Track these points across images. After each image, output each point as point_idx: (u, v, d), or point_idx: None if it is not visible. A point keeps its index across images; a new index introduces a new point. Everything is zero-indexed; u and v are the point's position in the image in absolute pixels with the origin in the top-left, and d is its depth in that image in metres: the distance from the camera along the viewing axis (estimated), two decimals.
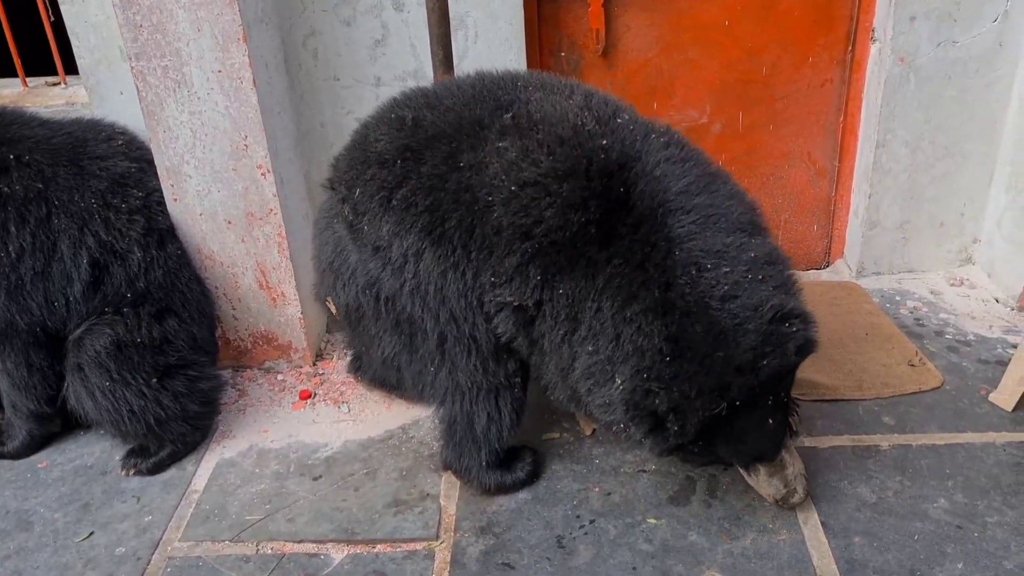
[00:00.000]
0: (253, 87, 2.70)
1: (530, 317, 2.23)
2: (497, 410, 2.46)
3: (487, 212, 2.17)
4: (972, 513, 2.40)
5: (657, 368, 2.05)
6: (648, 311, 2.06)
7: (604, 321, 2.10)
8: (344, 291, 2.47)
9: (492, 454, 2.52)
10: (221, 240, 2.95)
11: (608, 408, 2.18)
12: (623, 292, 2.08)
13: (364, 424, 2.92)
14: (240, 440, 2.86)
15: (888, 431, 2.75)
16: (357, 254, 2.38)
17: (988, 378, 2.96)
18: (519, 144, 2.17)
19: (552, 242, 2.11)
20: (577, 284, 2.12)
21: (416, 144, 2.28)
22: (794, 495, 2.34)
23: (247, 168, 2.82)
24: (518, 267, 2.15)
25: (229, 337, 3.13)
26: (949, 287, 3.56)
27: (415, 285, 2.29)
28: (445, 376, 2.42)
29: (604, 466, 2.67)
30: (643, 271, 2.07)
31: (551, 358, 2.27)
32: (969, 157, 3.39)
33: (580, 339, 2.17)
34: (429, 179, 2.23)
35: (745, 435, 2.20)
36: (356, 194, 2.33)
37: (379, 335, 2.48)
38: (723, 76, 3.39)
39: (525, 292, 2.17)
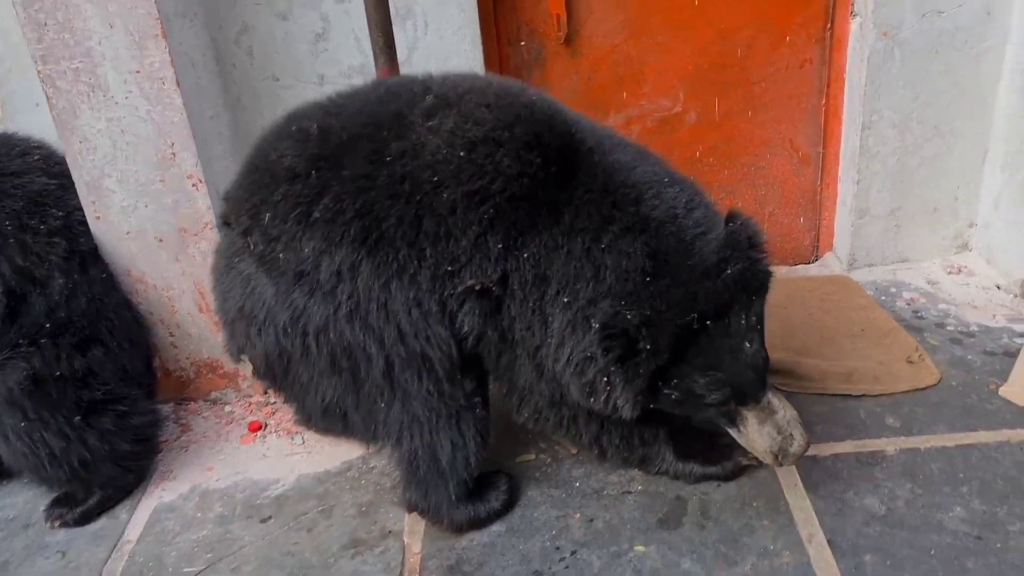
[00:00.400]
0: (177, 88, 2.45)
1: (496, 301, 2.03)
2: (460, 435, 2.20)
3: (435, 195, 1.97)
4: (992, 522, 2.17)
5: (638, 290, 1.93)
6: (626, 231, 1.96)
7: (578, 261, 1.96)
8: (262, 337, 2.13)
9: (461, 485, 2.26)
10: (153, 260, 2.68)
11: (587, 363, 1.97)
12: (594, 220, 1.97)
13: (320, 456, 2.65)
14: (181, 481, 2.58)
15: (893, 434, 2.51)
16: (274, 288, 2.07)
17: (996, 371, 2.74)
18: (454, 114, 2.02)
19: (511, 196, 1.96)
20: (542, 238, 1.98)
21: (329, 152, 2.04)
22: (791, 442, 2.07)
23: (176, 179, 2.56)
24: (476, 240, 1.98)
25: (169, 367, 2.85)
26: (947, 276, 3.34)
27: (352, 306, 2.03)
28: (398, 410, 2.15)
29: (585, 489, 2.41)
30: (610, 193, 1.99)
31: (524, 347, 2.07)
32: (961, 135, 3.18)
33: (552, 297, 2.00)
34: (354, 182, 2.00)
35: (720, 358, 1.99)
36: (264, 220, 2.05)
37: (313, 380, 2.16)
38: (696, 60, 3.16)
39: (487, 268, 1.99)
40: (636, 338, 1.90)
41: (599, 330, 1.92)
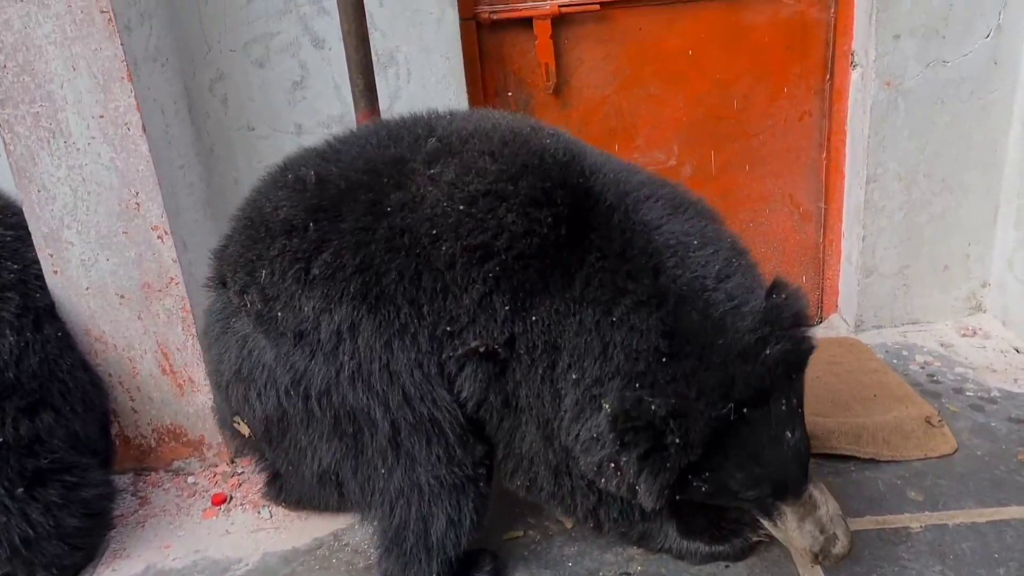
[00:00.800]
0: (143, 134, 2.30)
1: (501, 364, 1.88)
2: (458, 510, 2.01)
3: (434, 249, 1.84)
4: None
5: (653, 372, 1.74)
6: (640, 305, 1.78)
7: (588, 335, 1.79)
8: (261, 400, 2.00)
9: (445, 564, 2.05)
10: (113, 318, 2.49)
11: (595, 444, 1.79)
12: (607, 290, 1.80)
13: (288, 532, 2.42)
14: (135, 560, 2.35)
15: (917, 509, 2.29)
16: (274, 350, 1.94)
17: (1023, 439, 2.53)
18: (455, 162, 1.89)
19: (518, 255, 1.82)
20: (553, 302, 1.82)
21: (328, 203, 1.93)
22: (835, 543, 1.87)
23: (140, 230, 2.40)
24: (481, 300, 1.83)
25: (128, 434, 2.64)
26: (961, 338, 3.15)
27: (355, 368, 1.89)
28: (401, 476, 1.97)
29: (579, 570, 2.19)
30: (626, 260, 1.81)
31: (530, 415, 1.91)
32: (970, 190, 3.04)
33: (564, 370, 1.83)
34: (353, 235, 1.88)
35: (760, 451, 1.80)
36: (262, 277, 1.93)
37: (312, 445, 2.02)
38: (691, 112, 3.04)
39: (493, 329, 1.83)
40: (663, 431, 1.70)
41: (617, 419, 1.73)
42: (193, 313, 2.49)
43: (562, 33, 2.88)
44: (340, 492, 2.11)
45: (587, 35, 2.90)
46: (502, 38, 2.88)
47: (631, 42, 2.93)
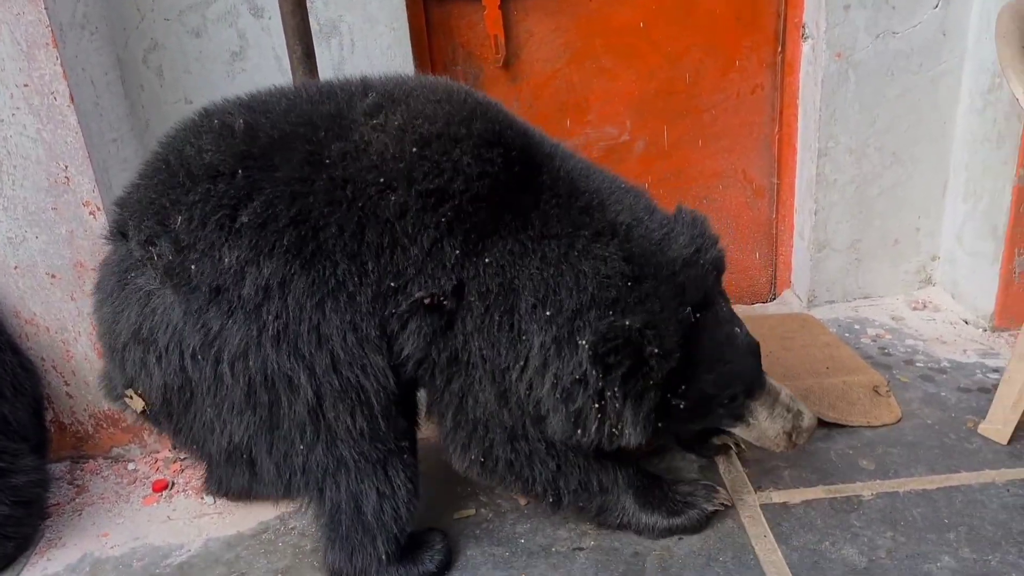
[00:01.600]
0: (71, 105, 2.20)
1: (448, 316, 1.83)
2: (388, 483, 1.94)
3: (380, 199, 1.77)
4: (985, 571, 1.95)
5: (623, 297, 1.81)
6: (598, 235, 1.85)
7: (554, 268, 1.82)
8: (162, 366, 1.83)
9: (391, 542, 1.98)
10: (44, 299, 2.39)
11: (577, 387, 1.79)
12: (566, 224, 1.85)
13: (233, 517, 2.34)
14: (70, 549, 2.25)
15: (869, 477, 2.29)
16: (183, 306, 1.79)
17: (973, 408, 2.55)
18: (401, 110, 1.84)
19: (474, 196, 1.79)
20: (507, 243, 1.82)
21: (259, 151, 1.80)
22: (802, 418, 2.03)
23: (70, 206, 2.29)
24: (432, 247, 1.78)
25: (64, 420, 2.54)
26: (911, 311, 3.17)
27: (280, 328, 1.77)
28: (321, 453, 1.88)
29: (532, 546, 2.14)
30: (576, 198, 1.88)
31: (484, 370, 1.86)
32: (920, 163, 3.05)
33: (528, 311, 1.81)
34: (289, 185, 1.77)
35: (721, 349, 1.92)
36: (176, 224, 1.78)
37: (220, 417, 1.87)
38: (642, 87, 3.00)
39: (440, 277, 1.79)
40: (641, 344, 1.76)
41: (597, 345, 1.76)
42: None
43: (511, 5, 2.82)
44: (252, 471, 1.98)
45: (537, 7, 2.85)
46: (449, 9, 2.81)
47: (582, 14, 2.88)
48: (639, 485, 2.13)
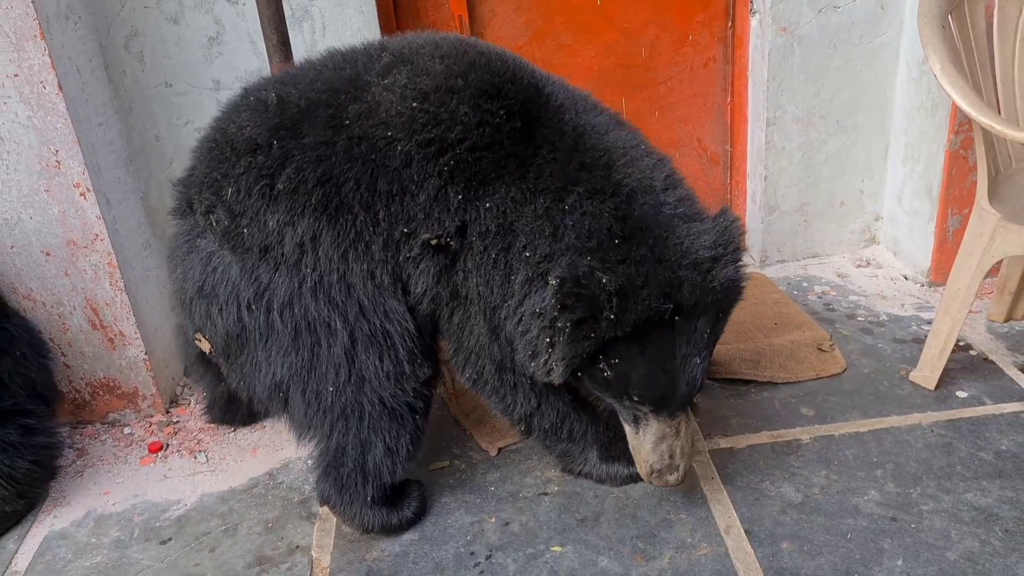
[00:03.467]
0: (59, 93, 2.33)
1: (452, 255, 1.97)
2: (396, 439, 2.12)
3: (388, 151, 1.92)
4: (906, 503, 2.17)
5: (604, 249, 1.82)
6: (594, 193, 1.88)
7: (540, 220, 1.88)
8: (223, 316, 2.06)
9: (380, 489, 2.17)
10: (40, 275, 2.54)
11: (535, 319, 1.86)
12: (557, 179, 1.89)
13: (224, 474, 2.52)
14: (75, 507, 2.43)
15: (808, 423, 2.51)
16: (239, 264, 2.01)
17: (906, 357, 2.77)
18: (406, 69, 1.97)
19: (472, 146, 1.90)
20: (508, 191, 1.91)
21: (289, 121, 1.98)
22: (673, 472, 2.05)
23: (62, 188, 2.43)
24: (437, 194, 1.91)
25: (63, 389, 2.69)
26: (856, 269, 3.38)
27: (316, 279, 1.98)
28: (351, 394, 2.05)
29: (501, 493, 2.34)
30: (578, 153, 1.92)
31: (478, 306, 2.00)
32: (863, 130, 3.24)
33: (519, 249, 1.90)
34: (314, 149, 1.95)
35: (670, 361, 1.89)
36: (228, 195, 1.99)
37: (268, 359, 2.07)
38: (601, 62, 3.16)
39: (445, 220, 1.92)
40: (603, 305, 1.78)
41: (564, 283, 1.78)
42: (120, 269, 2.55)
43: None
44: (285, 407, 2.16)
45: None
46: None
47: None
48: (605, 441, 2.30)
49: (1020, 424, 2.41)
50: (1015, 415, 2.45)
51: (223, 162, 2.02)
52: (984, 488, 2.19)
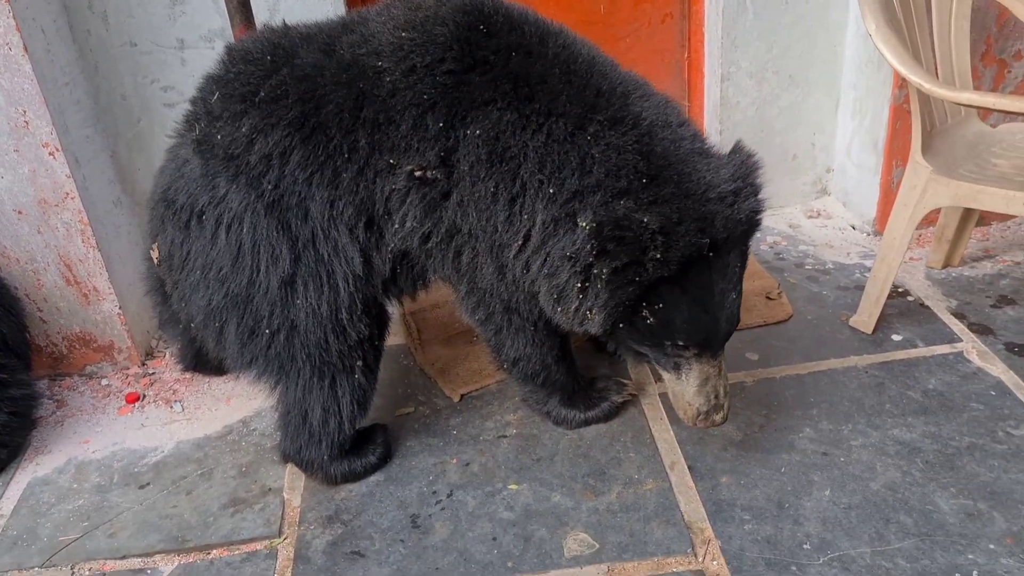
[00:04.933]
0: (25, 54, 2.38)
1: (443, 189, 1.94)
2: (335, 401, 2.16)
3: (378, 80, 1.93)
4: (837, 439, 2.33)
5: (635, 190, 1.79)
6: (615, 123, 1.84)
7: (559, 146, 1.83)
8: (173, 222, 2.05)
9: (334, 447, 2.25)
10: (13, 233, 2.61)
11: (565, 264, 1.83)
12: (575, 105, 1.85)
13: (200, 422, 2.64)
14: (56, 455, 2.54)
15: (752, 367, 2.66)
16: (202, 169, 2.00)
17: (848, 304, 2.92)
18: (403, 4, 2.02)
19: (451, 69, 1.89)
20: (502, 114, 1.87)
21: (287, 42, 2.03)
22: (720, 411, 2.03)
23: (31, 148, 2.49)
24: (415, 122, 1.90)
25: (40, 343, 2.79)
26: (807, 219, 3.52)
27: (275, 198, 1.96)
28: (283, 341, 2.06)
29: (463, 436, 2.48)
30: (594, 80, 1.89)
31: (482, 242, 1.97)
32: (814, 85, 3.34)
33: (535, 186, 1.85)
34: (303, 68, 1.97)
35: (709, 299, 1.87)
36: (213, 99, 2.02)
37: (207, 278, 2.04)
38: (563, 17, 3.13)
39: (426, 150, 1.90)
40: (647, 246, 1.74)
41: (602, 227, 1.74)
42: (92, 226, 2.62)
43: None
44: (219, 340, 2.13)
45: None
46: None
47: None
48: (570, 390, 2.43)
49: (948, 364, 2.58)
50: (944, 356, 2.61)
51: (221, 73, 2.06)
52: (910, 424, 2.35)
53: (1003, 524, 2.02)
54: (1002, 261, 3.10)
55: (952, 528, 2.02)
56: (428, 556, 2.07)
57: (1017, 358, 2.57)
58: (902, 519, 2.06)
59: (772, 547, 2.01)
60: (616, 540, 2.07)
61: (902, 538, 2.00)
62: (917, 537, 2.00)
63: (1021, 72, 3.07)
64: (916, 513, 2.07)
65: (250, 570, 2.09)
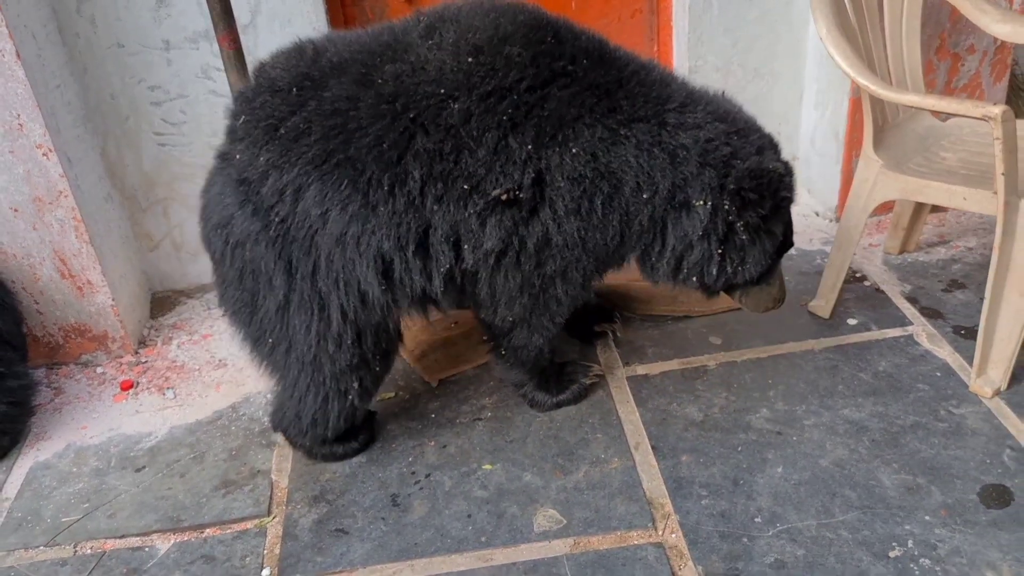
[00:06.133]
0: (18, 60, 2.49)
1: (529, 207, 2.02)
2: (324, 412, 2.29)
3: (442, 108, 1.95)
4: (791, 419, 2.48)
5: (739, 149, 2.06)
6: (684, 106, 2.05)
7: (648, 152, 2.01)
8: (200, 225, 2.20)
9: (317, 439, 2.41)
10: (10, 230, 2.73)
11: (696, 244, 2.12)
12: (652, 106, 2.02)
13: (191, 408, 2.78)
14: (56, 441, 2.68)
15: (715, 350, 2.81)
16: (218, 186, 2.09)
17: (808, 289, 3.06)
18: (453, 28, 2.01)
19: (531, 86, 1.96)
20: (594, 131, 1.99)
21: (317, 73, 2.02)
22: (782, 292, 2.42)
23: (25, 149, 2.61)
24: (497, 145, 1.95)
25: (37, 334, 2.92)
26: None
27: (280, 232, 2.01)
28: (281, 354, 2.22)
29: (440, 419, 2.63)
30: (651, 78, 2.07)
31: (583, 249, 2.11)
32: (779, 77, 3.47)
33: (631, 192, 2.04)
34: (333, 103, 1.98)
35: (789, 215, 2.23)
36: (240, 122, 2.05)
37: (223, 285, 2.20)
38: None
39: (513, 172, 1.97)
40: (779, 186, 2.05)
41: (743, 179, 2.01)
42: (85, 222, 2.74)
43: None
44: (244, 336, 2.27)
45: None
46: None
47: None
48: (547, 375, 2.57)
49: (899, 347, 2.73)
50: (895, 339, 2.77)
51: (246, 98, 2.09)
52: (859, 404, 2.51)
53: (939, 497, 2.18)
54: (955, 247, 3.25)
55: (892, 501, 2.18)
56: (407, 533, 2.23)
57: (963, 341, 2.73)
58: (847, 493, 2.22)
59: (726, 521, 2.17)
60: (582, 516, 2.23)
61: (846, 511, 2.17)
62: (860, 510, 2.17)
63: (974, 65, 3.21)
64: (860, 488, 2.23)
65: (241, 547, 2.24)
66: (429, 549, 2.17)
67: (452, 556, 2.15)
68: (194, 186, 3.08)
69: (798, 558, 2.04)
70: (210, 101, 2.99)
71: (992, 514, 2.11)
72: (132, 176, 3.09)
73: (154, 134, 3.02)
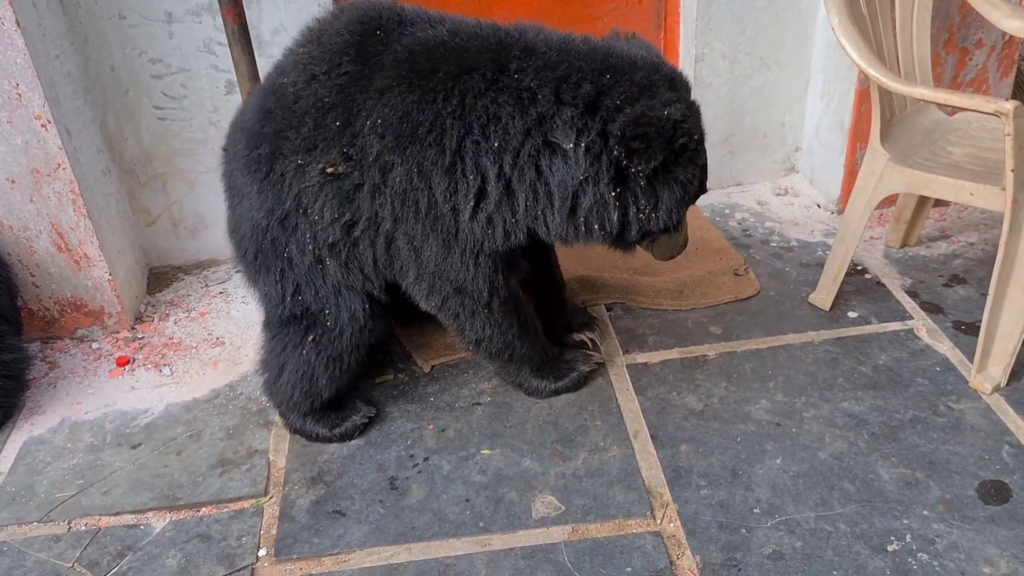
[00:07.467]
0: (17, 28, 2.44)
1: (354, 181, 2.09)
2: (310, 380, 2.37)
3: (283, 95, 2.13)
4: (791, 410, 2.48)
5: (597, 83, 1.97)
6: (531, 49, 1.99)
7: (483, 98, 1.96)
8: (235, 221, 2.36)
9: (303, 410, 2.44)
10: (7, 202, 2.69)
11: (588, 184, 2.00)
12: (487, 54, 1.99)
13: (188, 386, 2.76)
14: (50, 416, 2.66)
15: (715, 340, 2.80)
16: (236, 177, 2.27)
17: (808, 281, 3.05)
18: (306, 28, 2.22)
19: (352, 70, 2.05)
20: (404, 97, 1.99)
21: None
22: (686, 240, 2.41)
23: (24, 119, 2.57)
24: (316, 123, 2.06)
25: (32, 307, 2.89)
26: (775, 196, 3.65)
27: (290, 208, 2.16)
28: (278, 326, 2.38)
29: (439, 403, 2.62)
30: (496, 34, 2.05)
31: (418, 218, 2.09)
32: (785, 66, 3.45)
33: (471, 146, 1.99)
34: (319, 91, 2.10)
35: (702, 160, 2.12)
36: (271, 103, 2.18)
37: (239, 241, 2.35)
38: None
39: (331, 149, 2.07)
40: (673, 135, 1.92)
41: (626, 128, 1.88)
42: (83, 195, 2.71)
43: None
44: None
45: None
46: None
47: None
48: (539, 361, 2.55)
49: (898, 341, 2.73)
50: (895, 333, 2.77)
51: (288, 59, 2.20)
52: (859, 397, 2.51)
53: (937, 492, 2.19)
54: (956, 242, 3.25)
55: (891, 495, 2.19)
56: (405, 516, 2.22)
57: (963, 336, 2.73)
58: (845, 486, 2.22)
59: (725, 511, 2.17)
60: (581, 503, 2.22)
61: (844, 504, 2.17)
62: (858, 503, 2.17)
63: (981, 60, 3.19)
64: (859, 481, 2.23)
65: (238, 527, 2.23)
66: (427, 533, 2.17)
67: (450, 540, 2.14)
68: (193, 161, 3.08)
69: (796, 550, 2.05)
70: (211, 76, 2.95)
71: (990, 510, 2.12)
72: (131, 150, 3.05)
73: (154, 108, 2.98)
